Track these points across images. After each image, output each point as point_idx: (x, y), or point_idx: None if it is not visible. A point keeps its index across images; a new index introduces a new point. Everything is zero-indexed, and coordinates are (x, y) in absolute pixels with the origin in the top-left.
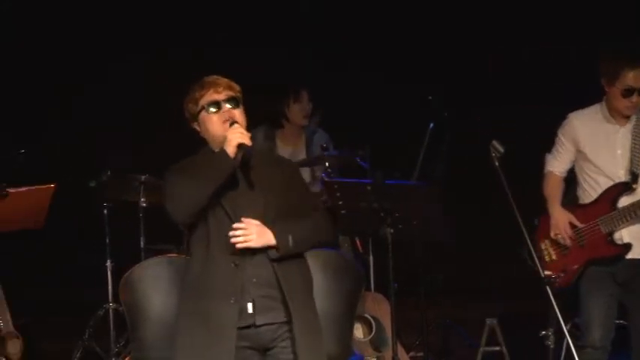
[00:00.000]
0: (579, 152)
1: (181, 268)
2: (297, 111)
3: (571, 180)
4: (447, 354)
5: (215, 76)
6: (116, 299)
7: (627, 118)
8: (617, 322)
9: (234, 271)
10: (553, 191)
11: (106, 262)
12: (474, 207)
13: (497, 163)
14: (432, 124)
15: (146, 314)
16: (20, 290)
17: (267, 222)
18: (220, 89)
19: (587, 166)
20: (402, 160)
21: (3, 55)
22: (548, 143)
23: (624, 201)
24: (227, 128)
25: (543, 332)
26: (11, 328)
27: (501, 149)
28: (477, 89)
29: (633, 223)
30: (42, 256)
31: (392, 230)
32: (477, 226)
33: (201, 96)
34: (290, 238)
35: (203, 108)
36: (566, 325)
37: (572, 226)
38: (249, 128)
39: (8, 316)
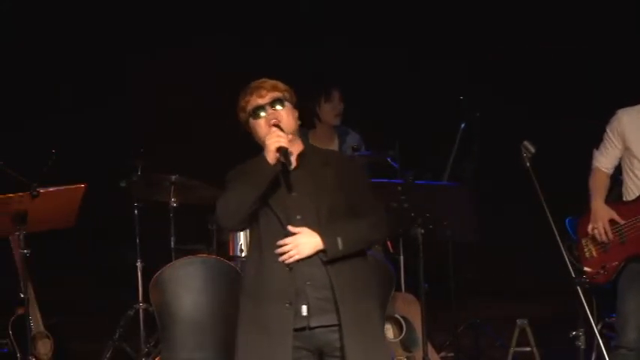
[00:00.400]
0: (626, 149)
1: (212, 268)
2: (329, 110)
3: (617, 177)
4: (477, 354)
5: (260, 80)
6: (146, 299)
7: None
8: None
9: (288, 274)
10: (597, 186)
11: (136, 262)
12: (504, 207)
13: (528, 164)
14: (463, 125)
15: (176, 314)
16: (51, 290)
17: (320, 224)
18: (264, 92)
19: (634, 162)
20: (433, 160)
21: (26, 54)
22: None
23: None
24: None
25: (574, 332)
26: (41, 328)
27: (532, 149)
28: (510, 88)
29: None
30: (72, 256)
31: (422, 230)
32: (507, 226)
33: (247, 102)
34: (339, 240)
35: (250, 114)
36: (597, 326)
37: (614, 222)
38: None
39: (39, 316)
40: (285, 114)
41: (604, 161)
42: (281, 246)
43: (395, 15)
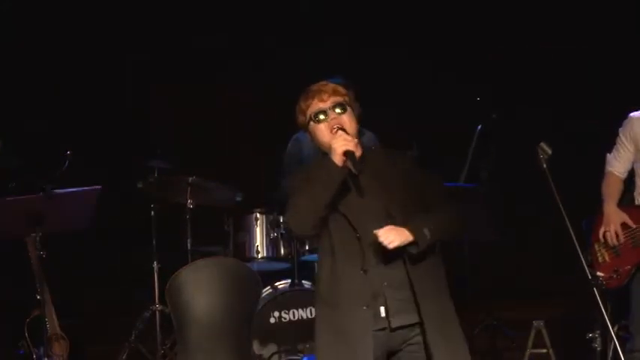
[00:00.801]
0: (638, 152)
1: (228, 270)
2: None
3: (630, 182)
4: (493, 356)
5: (321, 83)
6: (162, 301)
7: None
8: None
9: (363, 277)
10: (610, 190)
11: (152, 263)
12: (520, 208)
13: (544, 165)
14: (479, 126)
15: (192, 316)
16: (67, 292)
17: (394, 224)
18: (325, 97)
19: None
20: (450, 161)
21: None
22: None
23: None
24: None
25: (590, 334)
26: (57, 329)
27: (549, 151)
28: (524, 89)
29: None
30: (89, 257)
31: None
32: (523, 227)
33: (308, 106)
34: (426, 231)
35: (311, 118)
36: (613, 328)
37: (626, 226)
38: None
39: (55, 318)
40: (347, 118)
41: (617, 165)
42: (352, 251)
43: (416, 17)
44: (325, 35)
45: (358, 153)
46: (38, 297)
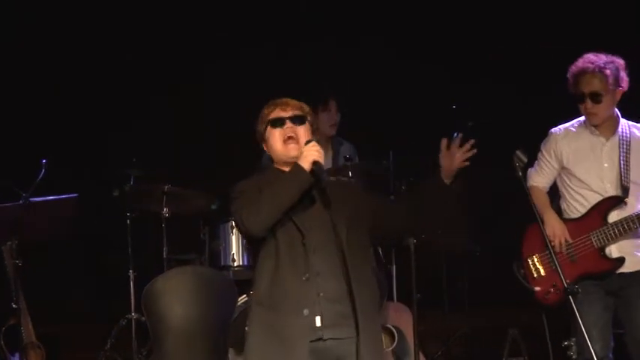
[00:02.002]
0: (563, 168)
1: (204, 278)
2: (325, 120)
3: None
4: None
5: (286, 98)
6: (139, 309)
7: (610, 131)
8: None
9: (304, 284)
10: (541, 202)
11: (128, 271)
12: (497, 215)
13: (520, 173)
14: (455, 134)
15: (168, 325)
16: (43, 300)
17: (336, 236)
18: (288, 108)
19: (572, 180)
20: (426, 169)
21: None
22: None
23: (615, 215)
24: (287, 145)
25: (566, 342)
26: (33, 338)
27: (525, 159)
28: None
29: (624, 238)
30: (65, 265)
31: (415, 240)
32: (500, 235)
33: (268, 113)
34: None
35: (269, 123)
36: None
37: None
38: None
39: (30, 326)
40: (302, 131)
41: (540, 180)
42: (296, 258)
43: (389, 25)
44: (305, 40)
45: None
46: (14, 305)
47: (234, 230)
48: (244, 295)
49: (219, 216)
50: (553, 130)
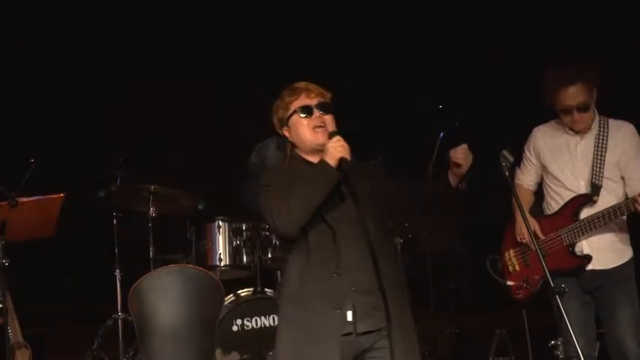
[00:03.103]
0: (542, 166)
1: (190, 278)
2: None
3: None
4: None
5: (306, 82)
6: (125, 309)
7: (587, 129)
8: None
9: (335, 280)
10: (520, 198)
11: (115, 272)
12: (485, 215)
13: (507, 173)
14: (442, 134)
15: (155, 324)
16: (30, 300)
17: (366, 228)
18: (312, 95)
19: (549, 178)
20: (413, 169)
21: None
22: None
23: (585, 212)
24: (316, 133)
25: (552, 342)
26: (20, 338)
27: (511, 159)
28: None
29: (594, 235)
30: (51, 265)
31: (401, 240)
32: (487, 235)
33: (292, 101)
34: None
35: (295, 112)
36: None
37: (536, 237)
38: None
39: (17, 326)
40: (330, 120)
41: (524, 178)
42: (328, 253)
43: (377, 26)
44: (288, 42)
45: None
46: (1, 305)
47: (220, 230)
48: (231, 295)
49: (206, 216)
50: (534, 128)
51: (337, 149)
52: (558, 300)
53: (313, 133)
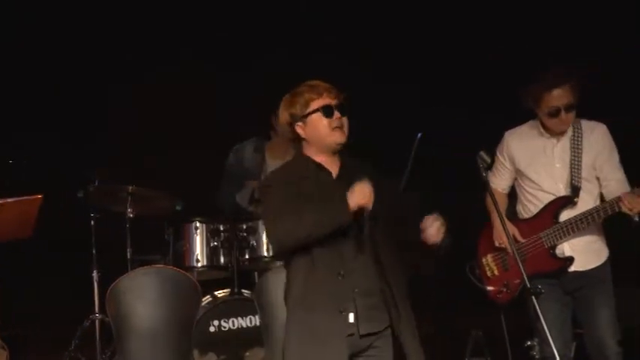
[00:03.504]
0: (517, 170)
1: (168, 278)
2: None
3: (513, 195)
4: None
5: (320, 81)
6: (103, 310)
7: (563, 132)
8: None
9: (339, 282)
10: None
11: (92, 272)
12: (462, 216)
13: (484, 174)
14: (419, 134)
15: (132, 325)
16: (6, 301)
17: (371, 231)
18: (333, 95)
19: (525, 182)
20: (391, 170)
21: None
22: None
23: (566, 214)
24: (335, 132)
25: (529, 342)
26: None
27: (488, 160)
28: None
29: (575, 237)
30: (29, 266)
31: None
32: (463, 236)
33: (313, 99)
34: None
35: (316, 111)
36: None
37: (515, 240)
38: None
39: None
40: (346, 122)
41: (497, 182)
42: (331, 256)
43: (352, 28)
44: (269, 43)
45: (337, 163)
46: None
47: (198, 231)
48: (208, 296)
49: (184, 217)
50: (506, 132)
51: (362, 197)
52: (534, 301)
53: (333, 133)
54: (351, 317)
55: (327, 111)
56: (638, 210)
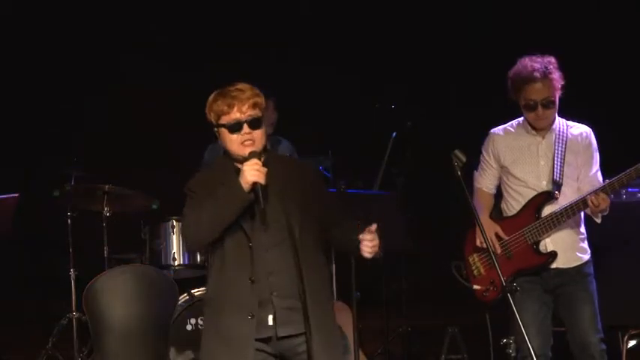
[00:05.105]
0: (502, 167)
1: (144, 277)
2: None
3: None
4: None
5: (239, 87)
6: (80, 308)
7: (548, 129)
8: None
9: (250, 287)
10: (480, 204)
11: (69, 271)
12: (437, 215)
13: (459, 173)
14: (394, 133)
15: (109, 323)
16: None
17: (290, 236)
18: (244, 108)
19: (510, 179)
20: (365, 169)
21: None
22: None
23: (548, 210)
24: (245, 148)
25: (504, 340)
26: None
27: (463, 158)
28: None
29: (557, 232)
30: (5, 264)
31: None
32: (438, 234)
33: (223, 111)
34: None
35: (224, 125)
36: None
37: (498, 238)
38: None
39: None
40: (259, 135)
41: (483, 182)
42: (243, 259)
43: (328, 27)
44: (247, 44)
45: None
46: None
47: (174, 229)
48: (185, 294)
49: (160, 215)
50: (492, 130)
51: (251, 173)
52: (510, 299)
53: (241, 148)
54: (270, 320)
55: (234, 127)
56: (604, 207)
